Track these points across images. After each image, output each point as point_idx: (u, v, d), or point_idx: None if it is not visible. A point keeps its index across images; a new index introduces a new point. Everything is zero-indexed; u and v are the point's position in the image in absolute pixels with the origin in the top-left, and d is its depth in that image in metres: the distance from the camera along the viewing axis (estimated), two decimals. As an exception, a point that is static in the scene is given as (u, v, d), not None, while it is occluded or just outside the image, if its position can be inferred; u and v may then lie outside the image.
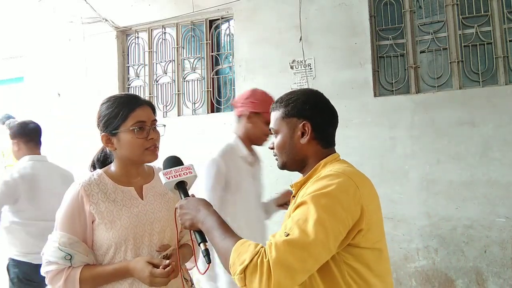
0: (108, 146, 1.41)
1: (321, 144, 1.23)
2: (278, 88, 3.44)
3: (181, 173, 1.26)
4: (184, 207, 1.20)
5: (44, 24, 4.36)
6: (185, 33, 3.97)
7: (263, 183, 2.24)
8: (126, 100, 1.40)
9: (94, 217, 1.33)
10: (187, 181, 1.28)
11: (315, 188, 1.06)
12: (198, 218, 1.15)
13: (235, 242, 1.02)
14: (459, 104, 2.95)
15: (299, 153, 1.24)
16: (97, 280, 1.32)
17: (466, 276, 2.87)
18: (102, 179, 1.40)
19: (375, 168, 3.05)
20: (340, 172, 1.10)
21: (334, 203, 1.02)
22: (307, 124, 1.20)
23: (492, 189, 2.83)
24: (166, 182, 1.25)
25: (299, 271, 0.95)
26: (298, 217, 1.01)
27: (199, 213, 1.16)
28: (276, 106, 1.28)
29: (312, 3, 3.36)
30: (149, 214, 1.41)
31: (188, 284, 1.52)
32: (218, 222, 1.11)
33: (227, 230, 1.09)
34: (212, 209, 1.17)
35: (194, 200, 1.22)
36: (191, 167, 1.29)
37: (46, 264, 1.32)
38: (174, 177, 1.25)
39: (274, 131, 1.29)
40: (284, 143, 1.25)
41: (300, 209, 1.03)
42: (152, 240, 1.40)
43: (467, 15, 3.09)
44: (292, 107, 1.23)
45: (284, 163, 1.29)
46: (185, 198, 1.24)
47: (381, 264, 1.13)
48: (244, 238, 1.05)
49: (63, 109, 4.23)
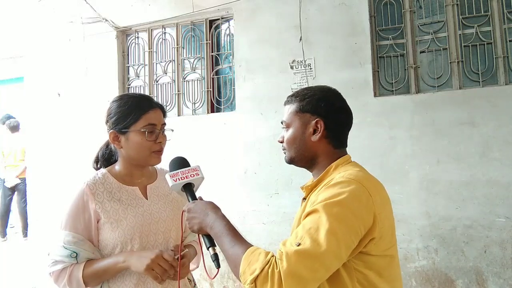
0: (115, 143, 1.41)
1: (332, 144, 1.21)
2: (278, 88, 3.48)
3: (188, 175, 1.24)
4: (192, 211, 1.18)
5: (44, 24, 4.36)
6: (185, 33, 3.97)
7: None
8: (140, 101, 1.41)
9: (99, 216, 1.33)
10: (194, 183, 1.25)
11: (327, 195, 1.03)
12: (206, 222, 1.13)
13: (245, 250, 1.01)
14: (459, 104, 2.95)
15: (308, 150, 1.21)
16: (100, 272, 1.31)
17: (466, 276, 2.87)
18: (106, 178, 1.41)
19: (375, 168, 3.03)
20: (352, 179, 1.07)
21: (346, 212, 1.00)
22: (320, 122, 1.18)
23: (492, 189, 2.83)
24: (173, 185, 1.23)
25: (310, 281, 0.95)
26: (310, 225, 0.99)
27: (207, 217, 1.14)
28: (290, 100, 1.25)
29: (312, 3, 3.36)
30: (154, 214, 1.42)
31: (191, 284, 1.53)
32: (227, 228, 1.09)
33: (237, 236, 1.07)
34: (221, 213, 1.15)
35: (202, 203, 1.20)
36: (198, 168, 1.26)
37: (53, 264, 1.32)
38: (180, 179, 1.22)
39: (285, 125, 1.26)
40: (294, 138, 1.22)
41: (311, 217, 1.01)
42: (157, 239, 1.40)
43: (467, 15, 3.09)
44: (307, 103, 1.21)
45: (292, 158, 1.25)
46: (193, 201, 1.22)
47: (392, 270, 1.11)
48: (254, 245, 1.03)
49: (63, 109, 4.22)
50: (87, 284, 1.30)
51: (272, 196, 3.40)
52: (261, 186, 3.44)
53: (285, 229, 3.29)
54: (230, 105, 3.78)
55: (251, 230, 3.38)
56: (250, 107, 3.51)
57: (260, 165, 3.45)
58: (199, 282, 3.58)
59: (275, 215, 3.40)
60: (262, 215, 3.43)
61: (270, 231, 3.39)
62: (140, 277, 1.34)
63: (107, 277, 1.33)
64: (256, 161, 3.46)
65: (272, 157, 3.38)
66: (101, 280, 1.33)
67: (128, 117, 1.36)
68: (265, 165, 3.43)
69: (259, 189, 3.45)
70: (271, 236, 3.36)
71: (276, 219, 3.39)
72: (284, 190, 3.35)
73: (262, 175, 3.46)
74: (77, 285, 1.30)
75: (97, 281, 1.33)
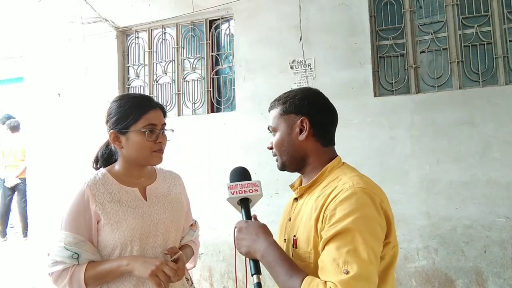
0: (115, 143, 1.41)
1: (320, 142, 1.21)
2: (278, 88, 3.45)
3: (247, 190, 1.19)
4: (243, 232, 1.14)
5: (44, 24, 4.36)
6: (185, 33, 3.97)
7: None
8: (140, 101, 1.41)
9: (99, 217, 1.33)
10: (251, 198, 1.20)
11: (348, 210, 1.02)
12: (255, 247, 1.10)
13: (302, 280, 0.99)
14: (459, 104, 2.95)
15: (298, 151, 1.21)
16: (102, 275, 1.31)
17: (466, 276, 2.87)
18: (106, 179, 1.40)
19: (375, 168, 3.05)
20: (361, 187, 1.06)
21: (373, 225, 1.03)
22: (305, 120, 1.19)
23: (492, 189, 2.83)
24: (229, 197, 1.18)
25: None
26: (347, 248, 0.98)
27: (258, 242, 1.10)
28: (274, 105, 1.26)
29: (312, 3, 3.36)
30: (154, 215, 1.41)
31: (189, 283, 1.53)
32: (282, 258, 1.06)
33: (292, 267, 1.04)
34: (272, 239, 1.12)
35: (255, 225, 1.15)
36: (258, 184, 1.22)
37: (53, 265, 1.32)
38: (238, 193, 1.18)
39: (272, 129, 1.27)
40: (282, 141, 1.23)
41: (343, 238, 0.99)
42: (156, 241, 1.40)
43: (467, 15, 3.09)
44: (290, 104, 1.21)
45: (283, 162, 1.26)
46: (246, 221, 1.17)
47: (390, 273, 1.12)
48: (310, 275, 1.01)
49: (63, 109, 4.22)
50: (88, 285, 1.30)
51: (272, 196, 3.40)
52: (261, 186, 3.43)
53: (285, 229, 3.29)
54: (230, 105, 3.78)
55: (251, 230, 3.38)
56: (250, 107, 3.51)
57: (260, 165, 3.45)
58: (199, 282, 3.58)
59: (275, 215, 3.38)
60: (262, 215, 3.40)
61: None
62: (139, 279, 1.34)
63: (109, 279, 1.33)
64: (256, 161, 3.46)
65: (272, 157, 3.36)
66: (102, 282, 1.33)
67: (129, 117, 1.36)
68: (265, 165, 3.42)
69: (259, 189, 3.44)
70: (271, 236, 3.36)
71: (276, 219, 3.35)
72: (284, 190, 3.35)
73: (262, 175, 3.44)
74: (77, 287, 1.29)
75: (98, 283, 1.33)
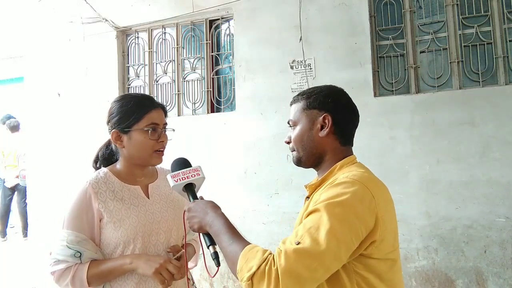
0: (117, 143, 1.41)
1: (339, 141, 1.20)
2: (278, 88, 3.48)
3: (189, 175, 1.25)
4: (192, 210, 1.19)
5: (44, 24, 4.36)
6: (185, 33, 3.97)
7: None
8: (142, 101, 1.42)
9: (102, 215, 1.33)
10: (195, 183, 1.27)
11: (329, 195, 1.02)
12: (206, 221, 1.14)
13: (243, 247, 1.01)
14: (459, 104, 2.95)
15: (316, 147, 1.20)
16: (105, 273, 1.31)
17: (466, 276, 2.87)
18: (108, 178, 1.41)
19: (375, 168, 3.01)
20: (355, 180, 1.05)
21: (348, 213, 0.98)
22: (327, 117, 1.18)
23: (492, 189, 2.83)
24: (174, 185, 1.24)
25: (308, 280, 0.93)
26: (310, 224, 0.98)
27: (207, 216, 1.14)
28: (297, 99, 1.25)
29: (312, 3, 3.36)
30: (156, 213, 1.42)
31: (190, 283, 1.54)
32: (226, 226, 1.09)
33: (235, 234, 1.07)
34: (220, 212, 1.16)
35: (202, 202, 1.20)
36: (199, 168, 1.28)
37: (55, 264, 1.32)
38: (182, 180, 1.24)
39: (292, 123, 1.25)
40: (302, 135, 1.21)
41: (312, 217, 1.00)
42: (158, 239, 1.41)
43: (467, 15, 3.09)
44: (314, 99, 1.20)
45: (300, 157, 1.23)
46: (193, 201, 1.22)
47: (393, 274, 1.09)
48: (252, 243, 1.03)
49: (63, 109, 4.22)
50: (90, 284, 1.30)
51: (272, 196, 3.40)
52: (261, 186, 3.44)
53: (285, 229, 3.29)
54: (230, 105, 3.78)
55: (251, 230, 3.38)
56: (250, 107, 3.51)
57: (260, 165, 3.45)
58: (199, 282, 3.58)
59: (275, 215, 3.40)
60: (262, 215, 3.43)
61: (270, 231, 3.39)
62: (141, 277, 1.34)
63: (112, 278, 1.33)
64: (256, 161, 3.46)
65: (272, 157, 3.38)
66: (105, 280, 1.34)
67: (131, 117, 1.37)
68: (265, 165, 3.43)
69: (259, 189, 3.45)
70: (271, 236, 3.36)
71: (276, 219, 3.39)
72: (284, 190, 3.36)
73: (262, 175, 3.46)
74: (80, 285, 1.29)
75: (101, 281, 1.33)
